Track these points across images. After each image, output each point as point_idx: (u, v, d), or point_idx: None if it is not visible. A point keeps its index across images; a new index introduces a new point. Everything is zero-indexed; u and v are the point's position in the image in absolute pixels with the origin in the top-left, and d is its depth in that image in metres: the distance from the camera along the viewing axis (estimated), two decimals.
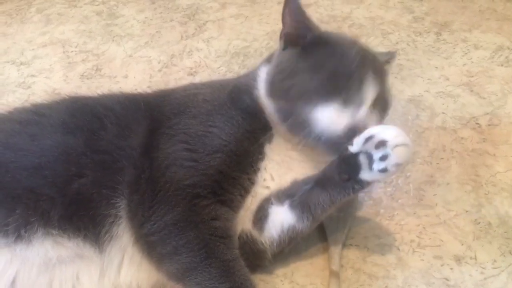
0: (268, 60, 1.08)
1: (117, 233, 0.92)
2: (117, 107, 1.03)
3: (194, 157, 0.95)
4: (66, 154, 0.95)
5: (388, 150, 0.87)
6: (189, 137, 0.97)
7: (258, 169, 1.00)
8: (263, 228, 1.00)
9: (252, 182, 1.00)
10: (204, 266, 0.87)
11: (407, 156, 0.89)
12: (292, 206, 0.98)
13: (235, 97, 1.03)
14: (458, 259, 1.04)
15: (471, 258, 1.04)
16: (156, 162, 0.95)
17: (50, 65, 1.66)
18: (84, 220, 0.91)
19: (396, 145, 0.87)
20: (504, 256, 1.04)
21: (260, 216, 1.00)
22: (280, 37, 1.03)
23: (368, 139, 0.89)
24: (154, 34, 1.77)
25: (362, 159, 0.90)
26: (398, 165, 0.88)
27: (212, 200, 0.93)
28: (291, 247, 1.03)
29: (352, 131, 0.91)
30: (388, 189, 1.19)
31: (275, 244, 1.00)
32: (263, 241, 1.00)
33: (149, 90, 1.14)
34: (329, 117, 0.92)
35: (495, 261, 1.03)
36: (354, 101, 0.93)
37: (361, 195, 1.17)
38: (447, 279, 1.01)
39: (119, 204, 0.92)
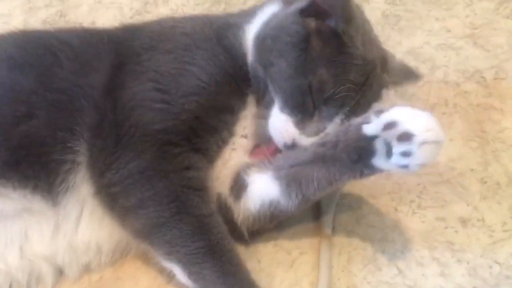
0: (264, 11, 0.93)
1: (74, 183, 0.81)
2: (75, 41, 0.90)
3: (166, 98, 0.82)
4: (12, 91, 0.82)
5: (413, 146, 0.68)
6: (160, 75, 0.84)
7: (239, 119, 0.87)
8: (240, 197, 0.86)
9: (231, 133, 0.87)
10: (174, 221, 0.76)
11: (435, 156, 0.71)
12: (277, 178, 0.83)
13: (224, 34, 0.90)
14: (464, 221, 0.93)
15: (478, 220, 0.93)
16: (121, 102, 0.82)
17: (9, 10, 1.51)
18: (34, 167, 0.79)
19: (425, 142, 0.68)
20: None
21: (239, 184, 0.87)
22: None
23: (389, 125, 0.70)
24: None
25: (379, 145, 0.73)
26: (422, 165, 0.71)
27: (186, 147, 0.81)
28: (273, 226, 0.90)
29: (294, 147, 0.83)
30: None
31: (251, 219, 0.86)
32: (237, 213, 0.86)
33: None
34: (278, 125, 0.84)
35: (505, 223, 0.92)
36: (311, 126, 0.83)
37: None
38: (451, 243, 0.90)
39: (78, 148, 0.81)
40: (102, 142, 0.80)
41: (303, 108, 0.82)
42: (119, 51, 0.88)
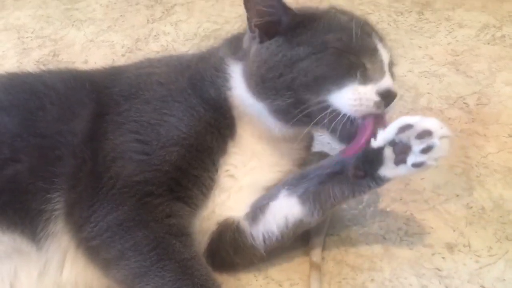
0: (238, 57, 0.92)
1: (53, 231, 0.81)
2: (60, 86, 0.91)
3: (146, 150, 0.83)
4: None
5: (435, 140, 0.77)
6: (140, 126, 0.85)
7: (220, 165, 0.89)
8: (258, 220, 0.88)
9: (213, 180, 0.88)
10: (156, 270, 0.76)
11: (449, 149, 0.79)
12: (303, 199, 0.87)
13: (198, 85, 0.91)
14: (450, 247, 0.94)
15: (464, 245, 0.94)
16: (102, 154, 0.83)
17: (3, 51, 1.54)
18: (20, 213, 0.80)
19: (443, 136, 0.78)
20: (501, 242, 0.94)
21: (256, 207, 0.89)
22: (251, 30, 0.88)
23: (404, 128, 0.79)
24: (117, 18, 1.65)
25: (387, 153, 0.81)
26: (440, 159, 0.78)
27: (167, 197, 0.81)
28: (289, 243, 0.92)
29: (384, 97, 0.81)
30: None
31: (273, 239, 0.88)
32: (256, 235, 0.88)
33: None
34: (351, 98, 0.80)
35: (490, 248, 0.94)
36: (374, 73, 0.83)
37: None
38: (439, 269, 0.91)
39: (56, 200, 0.81)
40: (77, 195, 0.80)
41: (353, 68, 0.82)
42: (101, 99, 0.89)
